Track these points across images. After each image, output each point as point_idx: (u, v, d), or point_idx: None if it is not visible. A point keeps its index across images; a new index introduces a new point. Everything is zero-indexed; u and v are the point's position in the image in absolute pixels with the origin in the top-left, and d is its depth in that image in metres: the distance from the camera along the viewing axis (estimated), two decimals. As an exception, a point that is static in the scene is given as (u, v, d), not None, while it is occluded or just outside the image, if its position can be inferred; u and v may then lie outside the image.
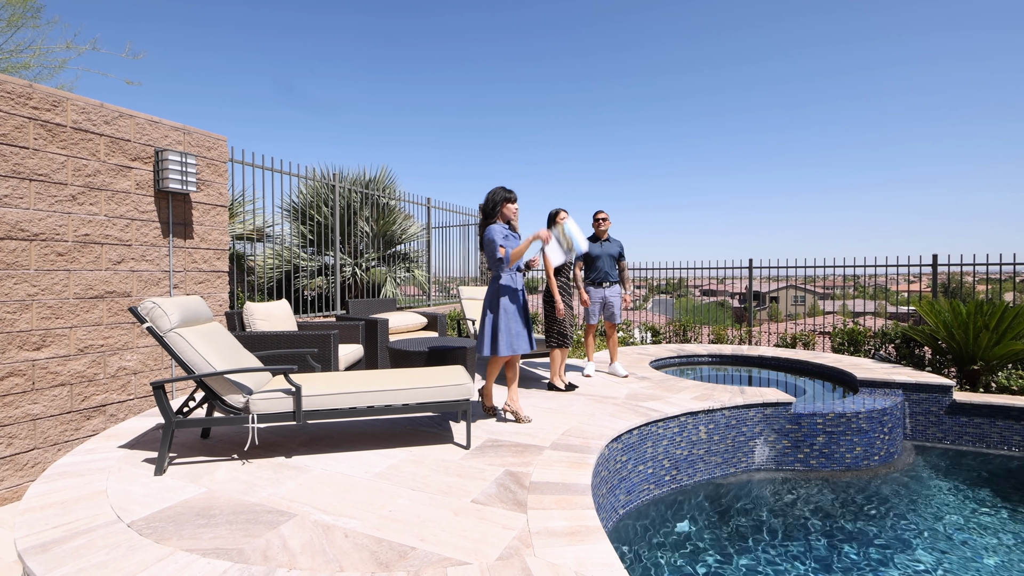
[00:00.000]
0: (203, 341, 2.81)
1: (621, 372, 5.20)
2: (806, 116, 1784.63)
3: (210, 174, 4.64)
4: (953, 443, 4.88)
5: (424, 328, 6.02)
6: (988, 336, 5.15)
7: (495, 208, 3.49)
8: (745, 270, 8.42)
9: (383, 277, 7.92)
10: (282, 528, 2.08)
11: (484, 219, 3.53)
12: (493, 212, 3.49)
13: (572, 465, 2.81)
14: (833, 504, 3.77)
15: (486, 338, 3.47)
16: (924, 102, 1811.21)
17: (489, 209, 3.51)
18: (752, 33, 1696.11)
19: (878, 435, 4.37)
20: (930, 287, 7.06)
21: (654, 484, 3.71)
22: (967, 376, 5.43)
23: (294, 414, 2.80)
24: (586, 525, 2.14)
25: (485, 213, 3.53)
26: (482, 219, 3.56)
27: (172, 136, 4.32)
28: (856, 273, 7.63)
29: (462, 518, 2.20)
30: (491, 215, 3.50)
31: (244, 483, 2.54)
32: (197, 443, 3.14)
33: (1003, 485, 4.11)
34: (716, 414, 4.07)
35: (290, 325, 4.57)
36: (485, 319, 3.49)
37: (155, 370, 4.15)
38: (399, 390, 2.98)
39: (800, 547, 3.21)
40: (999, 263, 6.42)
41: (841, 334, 6.95)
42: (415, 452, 3.01)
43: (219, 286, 4.72)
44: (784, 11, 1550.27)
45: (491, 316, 3.46)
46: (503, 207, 3.49)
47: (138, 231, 4.06)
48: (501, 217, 3.51)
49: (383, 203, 8.00)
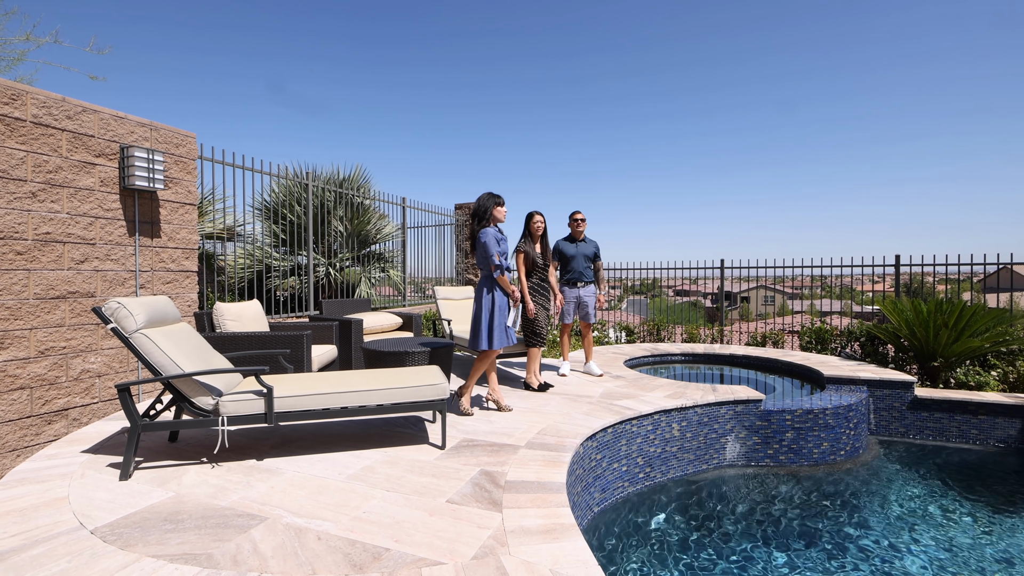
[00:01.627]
0: (170, 342, 2.75)
1: (596, 371, 5.25)
2: (795, 118, 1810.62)
3: (178, 171, 4.52)
4: (915, 437, 5.08)
5: (399, 328, 5.98)
6: (947, 334, 5.38)
7: (487, 213, 3.76)
8: (717, 270, 8.60)
9: (357, 277, 7.83)
10: (253, 532, 2.05)
11: (477, 222, 3.78)
12: (485, 216, 3.77)
13: (547, 464, 2.84)
14: (801, 498, 3.89)
15: (482, 332, 3.69)
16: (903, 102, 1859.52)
17: (481, 213, 3.77)
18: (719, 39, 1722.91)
19: (844, 431, 4.52)
20: (893, 287, 7.33)
21: (628, 482, 3.76)
22: (928, 372, 5.66)
23: (265, 416, 2.76)
24: (561, 523, 2.17)
25: (477, 217, 3.77)
26: (475, 223, 3.79)
27: (139, 132, 4.20)
28: (823, 273, 7.87)
29: (437, 518, 2.20)
30: (484, 219, 3.77)
31: (214, 487, 2.49)
32: (165, 447, 3.06)
33: (961, 477, 4.30)
34: (689, 412, 4.15)
35: (262, 326, 4.48)
36: (481, 315, 3.71)
37: (121, 372, 4.02)
38: (373, 391, 2.96)
39: (770, 540, 3.30)
40: (957, 263, 6.71)
41: (809, 333, 7.16)
42: (390, 453, 2.99)
43: (188, 286, 4.60)
44: (761, 16, 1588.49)
45: (487, 311, 3.70)
46: (494, 211, 3.78)
47: (102, 229, 3.93)
48: (493, 221, 3.80)
49: (357, 202, 7.91)
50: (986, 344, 5.33)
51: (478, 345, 3.72)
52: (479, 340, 3.72)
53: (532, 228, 4.59)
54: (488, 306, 3.70)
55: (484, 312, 3.70)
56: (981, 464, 4.56)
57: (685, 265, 8.85)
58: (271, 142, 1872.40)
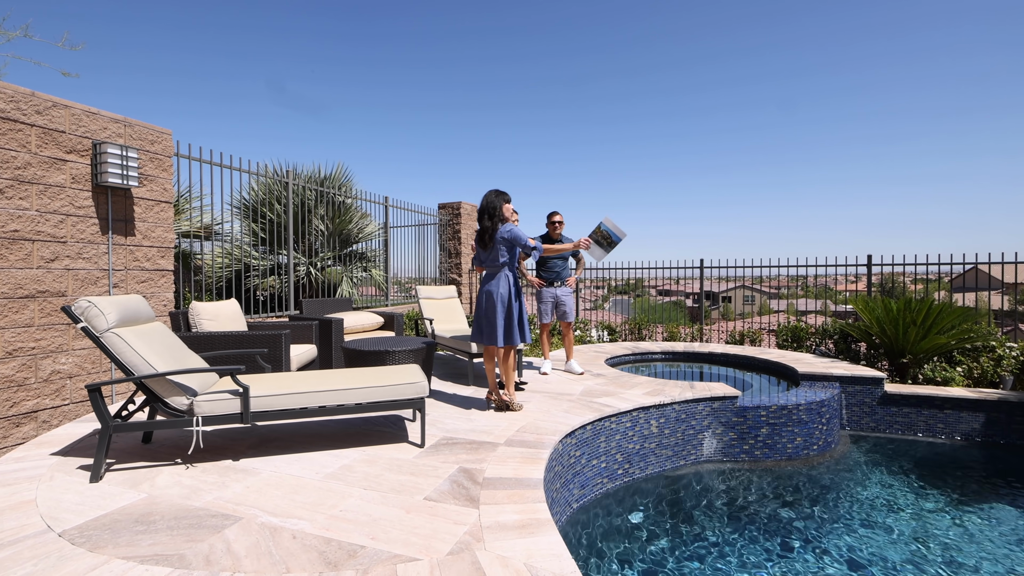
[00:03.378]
0: (143, 341, 2.71)
1: (577, 369, 5.28)
2: (795, 117, 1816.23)
3: (153, 168, 4.44)
4: (885, 432, 5.23)
5: (381, 328, 5.95)
6: (915, 331, 5.55)
7: (498, 211, 3.81)
8: (696, 270, 8.73)
9: (339, 277, 7.77)
10: (227, 532, 2.04)
11: (489, 219, 3.80)
12: (496, 214, 3.81)
13: (526, 460, 2.87)
14: (775, 492, 3.98)
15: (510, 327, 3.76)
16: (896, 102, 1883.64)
17: (491, 211, 3.80)
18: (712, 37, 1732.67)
19: (817, 426, 4.63)
20: (874, 287, 7.53)
21: (607, 478, 3.81)
22: (897, 369, 5.83)
23: (241, 415, 2.73)
24: (537, 518, 2.19)
25: (491, 216, 3.80)
26: (487, 219, 3.81)
27: (112, 128, 4.12)
28: (800, 273, 8.04)
29: (414, 515, 2.21)
30: (497, 216, 3.81)
31: (188, 488, 2.46)
32: (138, 448, 3.01)
33: (928, 469, 4.44)
34: (667, 408, 4.22)
35: (239, 325, 4.43)
36: (512, 309, 3.77)
37: (93, 373, 3.94)
38: (352, 389, 2.96)
39: (746, 534, 3.37)
40: (926, 263, 6.91)
41: (785, 331, 7.31)
42: (368, 452, 2.99)
43: (163, 285, 4.52)
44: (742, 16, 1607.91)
45: (518, 306, 3.81)
46: (503, 208, 3.84)
47: (74, 227, 3.85)
48: (503, 219, 3.85)
49: (339, 201, 7.85)
50: (952, 341, 5.51)
51: (512, 340, 3.76)
52: (511, 335, 3.76)
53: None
54: (510, 301, 3.76)
55: (510, 306, 3.76)
56: (946, 457, 4.71)
57: (666, 265, 8.97)
58: (266, 142, 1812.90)
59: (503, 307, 3.74)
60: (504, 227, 3.77)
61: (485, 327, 3.81)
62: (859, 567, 3.01)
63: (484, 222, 3.82)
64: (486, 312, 3.80)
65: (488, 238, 3.79)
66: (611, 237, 4.39)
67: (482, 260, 3.89)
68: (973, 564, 3.04)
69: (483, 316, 3.82)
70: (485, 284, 3.86)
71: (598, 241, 4.43)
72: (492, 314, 3.75)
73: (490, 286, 3.80)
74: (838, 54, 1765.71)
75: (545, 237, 5.34)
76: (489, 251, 3.82)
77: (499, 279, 3.78)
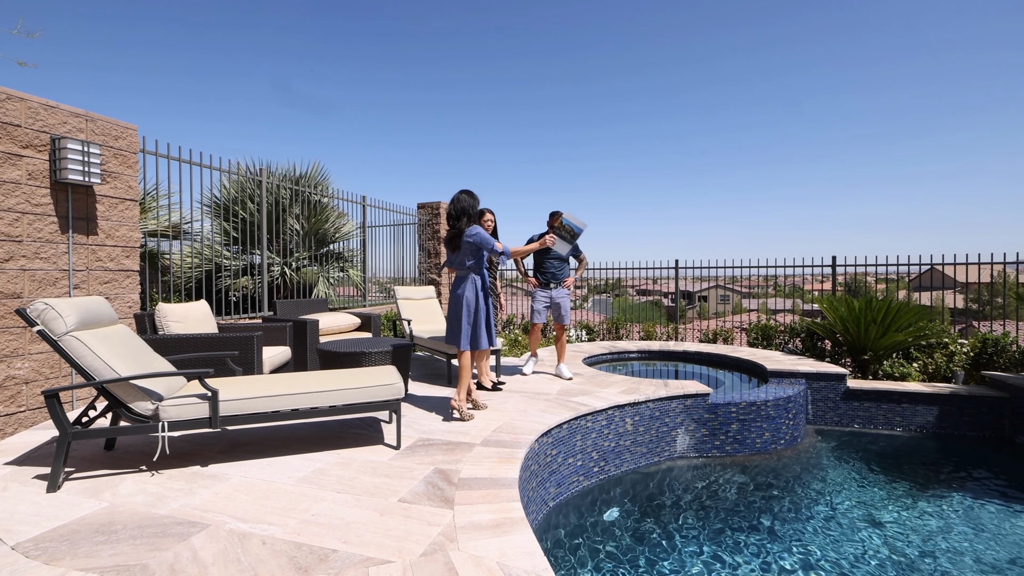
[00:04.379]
0: (105, 345, 2.62)
1: (566, 375, 5.10)
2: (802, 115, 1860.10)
3: (118, 165, 4.30)
4: (847, 425, 5.42)
5: (358, 329, 5.88)
6: (876, 329, 5.77)
7: (474, 211, 3.77)
8: (672, 270, 8.88)
9: (315, 277, 7.64)
10: (193, 540, 1.99)
11: (468, 220, 3.74)
12: (473, 215, 3.77)
13: (501, 460, 2.88)
14: (745, 485, 4.09)
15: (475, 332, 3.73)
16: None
17: (463, 212, 3.74)
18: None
19: (784, 421, 4.77)
20: (837, 289, 7.78)
21: (583, 476, 3.85)
22: (860, 365, 6.04)
23: (210, 420, 2.67)
24: (511, 517, 2.21)
25: (470, 216, 3.74)
26: (461, 221, 3.74)
27: (72, 123, 3.96)
28: (770, 273, 8.26)
29: (388, 518, 2.19)
30: (473, 217, 3.77)
31: (152, 495, 2.39)
32: (100, 456, 2.92)
33: (886, 461, 4.62)
34: (641, 406, 4.28)
35: (209, 327, 4.32)
36: (479, 314, 3.73)
37: (51, 379, 3.79)
38: (326, 392, 2.92)
39: (716, 526, 3.45)
40: (886, 264, 7.19)
41: (756, 329, 7.50)
42: (343, 455, 2.96)
43: (128, 286, 4.38)
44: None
45: (484, 309, 3.76)
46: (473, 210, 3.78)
47: (30, 226, 3.69)
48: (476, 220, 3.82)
49: (315, 200, 7.72)
50: (909, 338, 5.75)
51: (477, 345, 3.73)
52: (478, 339, 3.72)
53: (482, 226, 4.62)
54: (481, 305, 3.73)
55: (482, 310, 3.73)
56: (903, 449, 4.92)
57: (643, 265, 9.09)
58: (267, 141, 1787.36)
59: (468, 311, 3.70)
60: (470, 230, 3.70)
61: (451, 330, 3.77)
62: (820, 553, 3.12)
63: (454, 224, 3.77)
64: (451, 315, 3.78)
65: (456, 241, 3.74)
66: (573, 230, 4.48)
67: (451, 263, 3.85)
68: (927, 547, 3.18)
69: (450, 319, 3.81)
70: (453, 287, 3.82)
71: (561, 236, 4.51)
72: (456, 317, 3.71)
73: (457, 290, 3.76)
74: (829, 52, 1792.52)
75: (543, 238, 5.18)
76: (457, 254, 3.77)
77: (466, 283, 3.73)
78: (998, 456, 4.72)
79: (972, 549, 3.21)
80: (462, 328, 3.69)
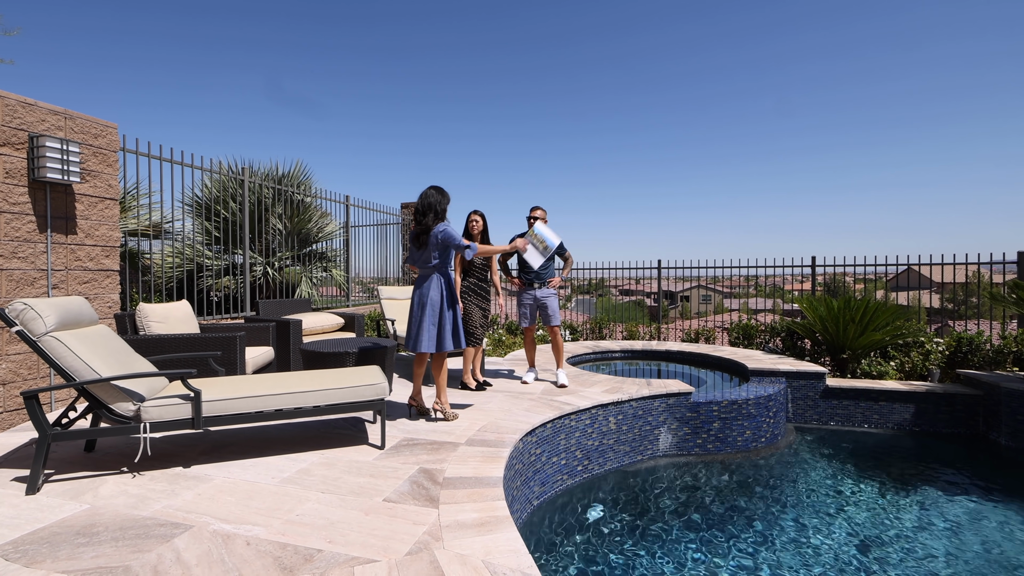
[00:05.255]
0: (85, 345, 2.59)
1: (562, 381, 4.78)
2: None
3: (97, 164, 4.23)
4: (827, 423, 5.56)
5: (341, 329, 5.86)
6: (854, 328, 5.91)
7: (441, 207, 3.65)
8: (655, 270, 8.99)
9: (298, 277, 7.59)
10: (176, 541, 1.98)
11: (435, 217, 3.63)
12: (440, 211, 3.64)
13: (486, 460, 2.91)
14: (726, 483, 4.17)
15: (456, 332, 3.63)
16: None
17: (440, 210, 3.64)
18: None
19: (764, 419, 4.87)
20: (817, 288, 7.95)
21: (567, 475, 3.90)
22: (838, 364, 6.19)
23: (193, 420, 2.66)
24: (496, 515, 2.24)
25: (436, 213, 3.63)
26: (429, 218, 3.62)
27: (51, 120, 3.90)
28: (751, 273, 8.41)
29: (373, 517, 2.21)
30: (442, 215, 3.65)
31: (134, 497, 2.38)
32: (80, 457, 2.88)
33: (864, 457, 4.75)
34: (624, 405, 4.34)
35: (191, 327, 4.28)
36: (444, 315, 3.59)
37: (30, 380, 3.72)
38: (310, 392, 2.92)
39: (697, 523, 3.52)
40: (864, 264, 7.37)
41: (737, 329, 7.64)
42: (327, 455, 2.96)
43: (108, 286, 4.32)
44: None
45: (451, 311, 3.63)
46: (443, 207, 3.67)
47: (7, 225, 3.63)
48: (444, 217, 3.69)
49: (298, 200, 7.67)
50: (886, 337, 5.90)
51: (443, 346, 3.58)
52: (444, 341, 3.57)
53: (468, 227, 4.62)
54: (451, 306, 3.62)
55: (448, 312, 3.60)
56: (880, 446, 5.05)
57: (626, 265, 9.19)
58: (265, 138, 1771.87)
59: (432, 312, 3.56)
60: (438, 227, 3.57)
61: (412, 331, 3.64)
62: (801, 546, 3.21)
63: (420, 220, 3.63)
64: (413, 315, 3.65)
65: (423, 238, 3.63)
66: (546, 242, 4.55)
67: (414, 260, 3.71)
68: (901, 541, 3.29)
69: (411, 319, 3.68)
70: (416, 286, 3.69)
71: (534, 244, 4.54)
72: (419, 318, 3.59)
73: (420, 289, 3.63)
74: (836, 46, 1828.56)
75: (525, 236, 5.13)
76: (422, 252, 3.63)
77: (430, 282, 3.61)
78: (973, 453, 4.88)
79: (944, 543, 3.33)
80: (423, 329, 3.55)
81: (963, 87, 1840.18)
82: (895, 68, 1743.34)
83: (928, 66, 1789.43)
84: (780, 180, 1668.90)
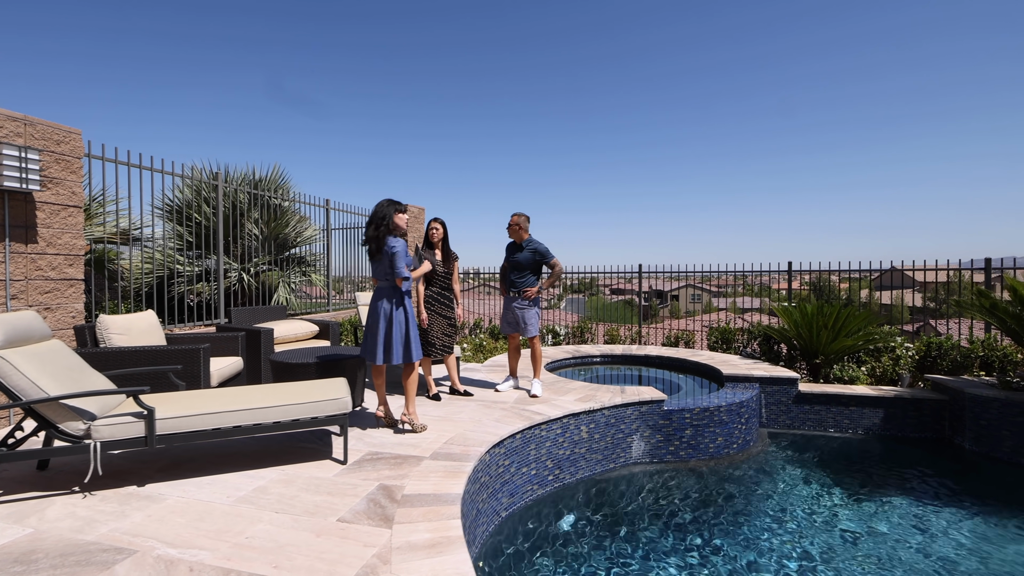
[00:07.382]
0: (33, 363, 2.53)
1: (535, 391, 4.73)
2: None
3: (60, 171, 4.15)
4: (799, 428, 5.61)
5: (316, 337, 5.80)
6: (827, 334, 5.98)
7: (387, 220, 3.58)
8: (635, 275, 9.03)
9: (275, 282, 7.51)
10: (117, 568, 1.94)
11: (386, 229, 3.58)
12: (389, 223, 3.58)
13: (448, 475, 2.89)
14: (696, 490, 4.19)
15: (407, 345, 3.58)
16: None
17: (379, 220, 3.59)
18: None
19: (737, 425, 4.91)
20: (803, 288, 8.03)
21: (537, 485, 3.89)
22: (812, 369, 6.26)
23: (146, 439, 2.61)
24: (448, 536, 2.22)
25: (387, 226, 3.58)
26: (383, 228, 3.59)
27: (9, 127, 3.81)
28: (730, 276, 8.47)
29: (324, 539, 2.19)
30: (388, 227, 3.58)
31: (81, 519, 2.33)
32: (31, 477, 2.82)
33: (834, 462, 4.81)
34: (596, 414, 4.35)
35: (156, 338, 4.21)
36: (394, 327, 3.54)
37: (-15, 394, 3.64)
38: (269, 408, 2.88)
39: (669, 531, 3.54)
40: (838, 270, 7.46)
41: (716, 332, 7.68)
42: (287, 471, 2.93)
43: (71, 296, 4.23)
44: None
45: (404, 323, 3.59)
46: (394, 218, 3.61)
47: (-39, 235, 3.54)
48: (395, 229, 3.61)
49: (275, 204, 7.58)
50: (858, 343, 5.98)
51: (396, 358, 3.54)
52: (403, 352, 3.55)
53: (429, 235, 4.56)
54: (405, 318, 3.58)
55: (401, 324, 3.56)
56: (851, 450, 5.12)
57: (610, 270, 9.21)
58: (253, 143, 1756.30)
59: (385, 323, 3.53)
60: (391, 242, 3.54)
61: (367, 342, 3.63)
62: (770, 552, 3.23)
63: (370, 232, 3.61)
64: (368, 327, 3.63)
65: (376, 250, 3.60)
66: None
67: (374, 272, 3.69)
68: (867, 543, 3.33)
69: (367, 331, 3.65)
70: (374, 298, 3.66)
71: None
72: (374, 329, 3.57)
73: (377, 301, 3.61)
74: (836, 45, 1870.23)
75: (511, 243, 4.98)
76: (379, 264, 3.62)
77: (386, 294, 3.59)
78: (938, 457, 4.96)
79: (909, 544, 3.38)
80: (378, 341, 3.54)
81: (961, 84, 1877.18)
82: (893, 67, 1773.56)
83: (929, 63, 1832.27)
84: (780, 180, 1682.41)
